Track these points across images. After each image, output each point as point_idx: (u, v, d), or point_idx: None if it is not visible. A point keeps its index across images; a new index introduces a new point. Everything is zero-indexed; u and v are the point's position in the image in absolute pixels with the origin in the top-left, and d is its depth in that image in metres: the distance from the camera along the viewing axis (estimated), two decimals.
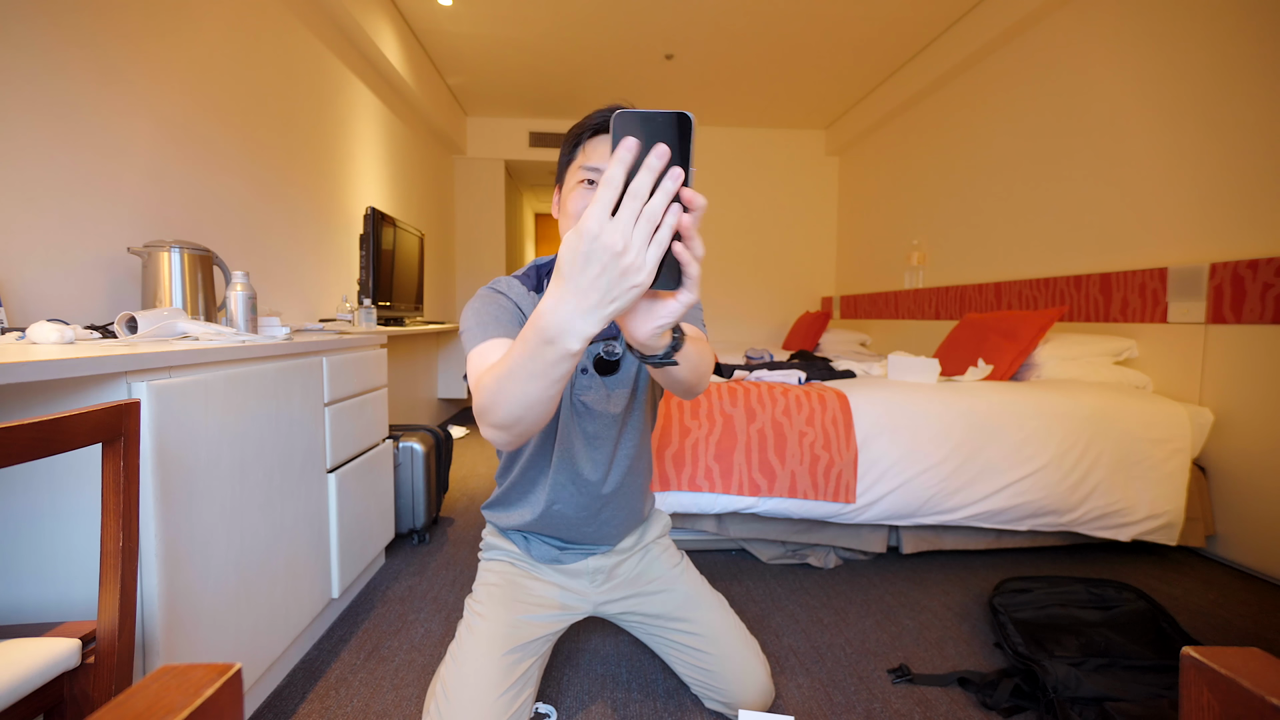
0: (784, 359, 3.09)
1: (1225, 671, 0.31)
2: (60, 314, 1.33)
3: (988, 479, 1.87)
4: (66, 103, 1.36)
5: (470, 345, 0.87)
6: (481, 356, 0.83)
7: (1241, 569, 1.95)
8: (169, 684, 0.26)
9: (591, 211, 0.45)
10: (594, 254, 0.45)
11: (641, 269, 0.45)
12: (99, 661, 0.74)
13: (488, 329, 0.87)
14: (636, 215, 0.44)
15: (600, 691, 1.30)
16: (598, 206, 0.44)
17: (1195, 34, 2.16)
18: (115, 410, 0.72)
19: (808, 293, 5.48)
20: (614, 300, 0.47)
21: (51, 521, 0.91)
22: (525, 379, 0.57)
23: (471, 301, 0.96)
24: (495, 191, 5.35)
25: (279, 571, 1.26)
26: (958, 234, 3.63)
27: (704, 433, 1.84)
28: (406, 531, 2.10)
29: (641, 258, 0.45)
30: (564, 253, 0.47)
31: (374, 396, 1.81)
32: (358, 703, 1.25)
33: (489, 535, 1.20)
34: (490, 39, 3.76)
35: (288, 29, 2.37)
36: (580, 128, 0.91)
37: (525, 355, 0.55)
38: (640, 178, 0.44)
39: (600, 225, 0.44)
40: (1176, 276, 2.15)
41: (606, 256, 0.45)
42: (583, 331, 0.49)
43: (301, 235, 2.50)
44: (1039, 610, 1.49)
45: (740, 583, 1.82)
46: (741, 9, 3.35)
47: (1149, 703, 1.14)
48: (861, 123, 4.68)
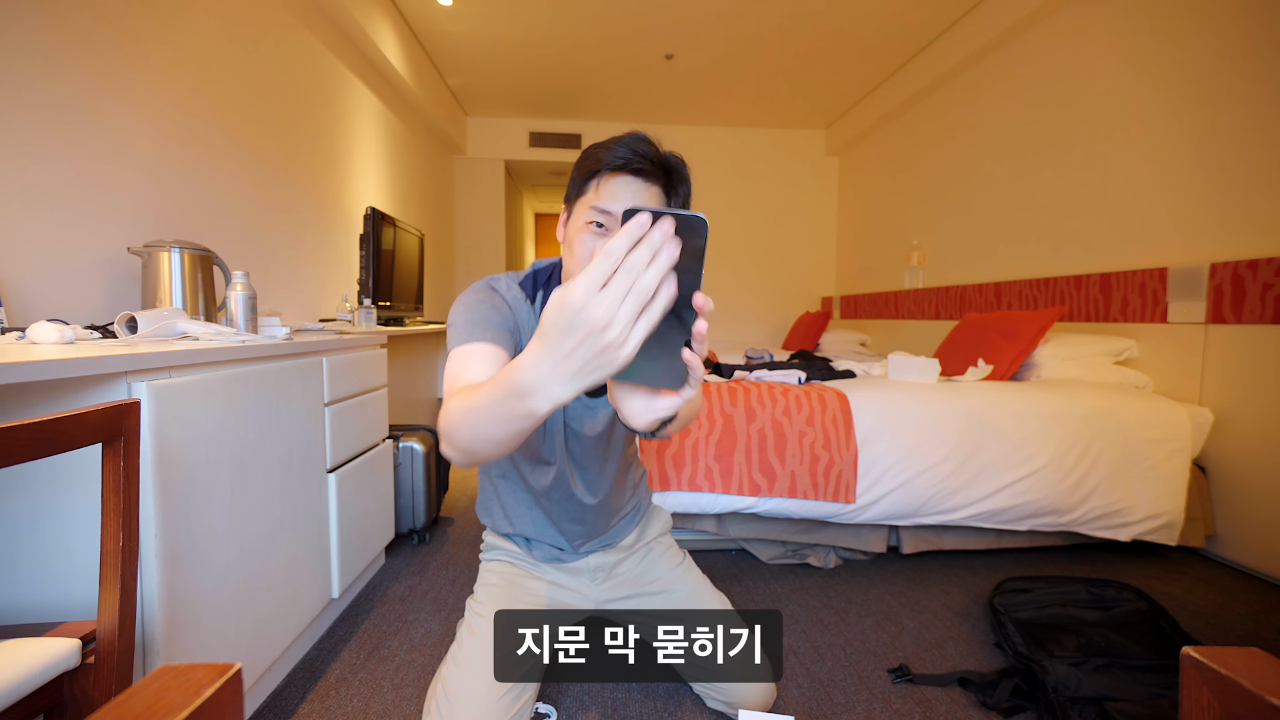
0: (784, 359, 3.09)
1: (1225, 671, 0.31)
2: (60, 314, 1.33)
3: (988, 479, 1.87)
4: (67, 103, 1.36)
5: (454, 343, 0.83)
6: (461, 360, 0.79)
7: (1241, 569, 1.95)
8: (169, 684, 0.26)
9: (580, 282, 0.42)
10: (575, 326, 0.43)
11: (624, 345, 0.43)
12: (99, 661, 0.74)
13: (475, 330, 0.84)
14: (626, 290, 0.42)
15: (600, 691, 1.30)
16: (589, 277, 0.42)
17: (1195, 34, 2.16)
18: (115, 410, 0.72)
19: (808, 293, 5.48)
20: (592, 372, 0.45)
21: (51, 521, 0.91)
22: (489, 421, 0.56)
23: (464, 295, 0.92)
24: (495, 191, 5.35)
25: (279, 571, 1.26)
26: (958, 234, 3.63)
27: (704, 433, 1.84)
28: (406, 531, 2.10)
29: (625, 334, 0.43)
30: (547, 314, 0.45)
31: (374, 396, 1.80)
32: (358, 703, 1.25)
33: (489, 535, 1.20)
34: (490, 39, 3.76)
35: (288, 29, 2.37)
36: (596, 160, 0.86)
37: (493, 400, 0.54)
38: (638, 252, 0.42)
39: (586, 299, 0.42)
40: (1176, 276, 2.15)
41: (586, 331, 0.43)
42: (556, 396, 0.48)
43: (301, 235, 2.50)
44: (1039, 610, 1.49)
45: (740, 583, 1.82)
46: (741, 9, 3.35)
47: (1149, 703, 1.14)
48: (861, 123, 4.68)
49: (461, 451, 0.64)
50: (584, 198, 0.88)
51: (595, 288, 0.42)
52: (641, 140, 0.85)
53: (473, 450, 0.62)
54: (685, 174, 0.89)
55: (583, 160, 0.89)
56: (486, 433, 0.58)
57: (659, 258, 0.42)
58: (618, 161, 0.84)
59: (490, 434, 0.58)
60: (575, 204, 0.90)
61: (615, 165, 0.85)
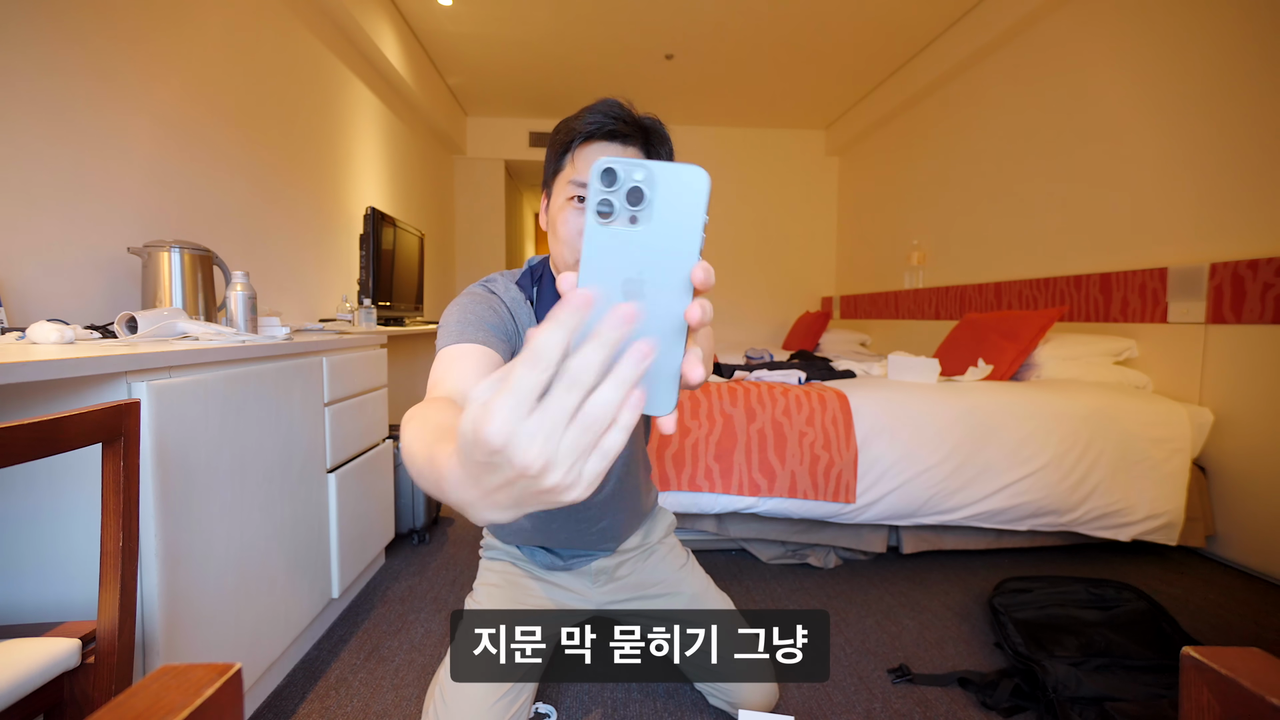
0: (784, 359, 3.09)
1: (1225, 671, 0.31)
2: (60, 314, 1.33)
3: (988, 479, 1.87)
4: (66, 103, 1.36)
5: (442, 344, 0.75)
6: (446, 362, 0.71)
7: (1241, 569, 1.94)
8: (169, 684, 0.26)
9: (497, 406, 0.27)
10: (499, 467, 0.29)
11: (571, 488, 0.29)
12: (99, 661, 0.74)
13: (466, 331, 0.77)
14: (569, 415, 0.27)
15: (600, 691, 1.30)
16: (509, 398, 0.27)
17: (1195, 34, 2.16)
18: (115, 410, 0.72)
19: (808, 293, 5.48)
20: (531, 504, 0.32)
21: (51, 521, 0.91)
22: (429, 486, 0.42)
23: (460, 297, 0.86)
24: (495, 191, 5.35)
25: (279, 571, 1.26)
26: (958, 234, 3.63)
27: (704, 433, 1.84)
28: (406, 531, 2.10)
29: (572, 478, 0.29)
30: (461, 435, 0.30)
31: (374, 396, 1.80)
32: (358, 703, 1.25)
33: (489, 535, 1.20)
34: (490, 39, 3.76)
35: (288, 29, 2.37)
36: (569, 131, 0.81)
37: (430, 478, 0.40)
38: (586, 353, 0.27)
39: (508, 433, 0.27)
40: (1176, 276, 2.15)
41: (514, 475, 0.29)
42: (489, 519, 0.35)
43: (301, 235, 2.50)
44: (1039, 610, 1.49)
45: (740, 583, 1.82)
46: (741, 9, 3.35)
47: (1149, 703, 1.14)
48: (861, 123, 4.68)
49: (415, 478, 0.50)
50: (562, 174, 0.83)
51: (520, 413, 0.27)
52: (613, 104, 0.82)
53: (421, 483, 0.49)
54: (665, 133, 0.85)
55: (555, 135, 0.85)
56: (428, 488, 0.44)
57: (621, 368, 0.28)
58: (591, 128, 0.80)
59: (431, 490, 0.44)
60: (554, 183, 0.85)
61: (589, 133, 0.81)
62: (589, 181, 0.35)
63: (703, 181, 0.32)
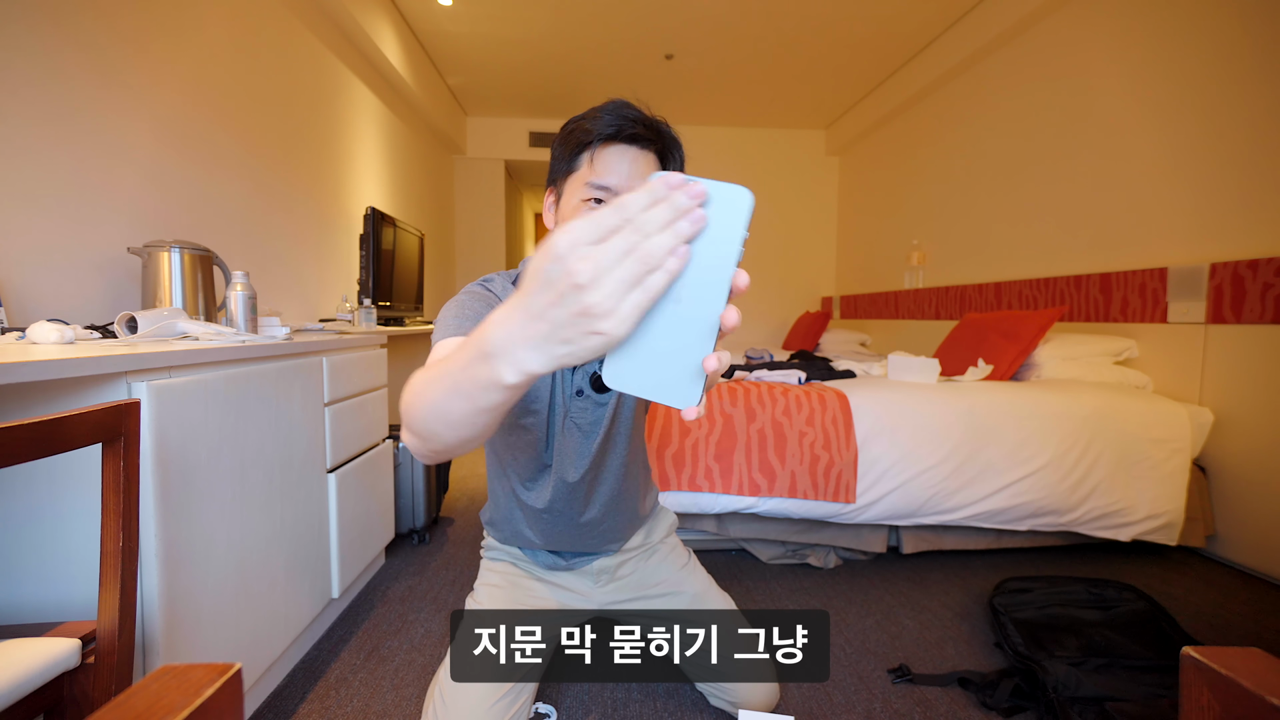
0: (784, 359, 3.09)
1: (1225, 671, 0.31)
2: (60, 314, 1.33)
3: (988, 479, 1.87)
4: (66, 103, 1.36)
5: (439, 336, 0.75)
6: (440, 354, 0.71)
7: (1241, 569, 1.94)
8: (169, 684, 0.26)
9: (573, 226, 0.34)
10: (553, 279, 0.35)
11: (608, 316, 0.34)
12: (99, 661, 0.74)
13: (464, 325, 0.77)
14: (627, 250, 0.33)
15: (600, 691, 1.30)
16: (585, 225, 0.34)
17: (1195, 34, 2.16)
18: (115, 410, 0.72)
19: (808, 293, 5.48)
20: (565, 342, 0.36)
21: (51, 521, 0.91)
22: (450, 391, 0.47)
23: (457, 295, 0.86)
24: (495, 191, 5.36)
25: (279, 571, 1.26)
26: (958, 234, 3.63)
27: (704, 433, 1.84)
28: (406, 531, 2.10)
29: (612, 303, 0.34)
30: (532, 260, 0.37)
31: (374, 396, 1.81)
32: (358, 703, 1.25)
33: (490, 536, 1.19)
34: (490, 39, 3.76)
35: (288, 29, 2.37)
36: (586, 132, 0.79)
37: (458, 364, 0.45)
38: (657, 210, 0.34)
39: (571, 247, 0.34)
40: (1176, 276, 2.15)
41: (564, 286, 0.34)
42: (523, 364, 0.39)
43: (301, 235, 2.50)
44: (1039, 610, 1.49)
45: (740, 583, 1.82)
46: (741, 9, 3.35)
47: (1149, 703, 1.14)
48: (861, 123, 4.68)
49: (418, 435, 0.54)
50: (576, 174, 0.81)
51: (589, 237, 0.34)
52: (626, 105, 0.81)
53: (427, 431, 0.52)
54: (677, 138, 0.85)
55: (567, 135, 0.83)
56: (446, 408, 0.48)
57: (679, 223, 0.34)
58: (609, 130, 0.79)
59: (450, 410, 0.48)
60: (565, 182, 0.83)
61: (607, 134, 0.79)
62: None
63: (748, 201, 0.36)
